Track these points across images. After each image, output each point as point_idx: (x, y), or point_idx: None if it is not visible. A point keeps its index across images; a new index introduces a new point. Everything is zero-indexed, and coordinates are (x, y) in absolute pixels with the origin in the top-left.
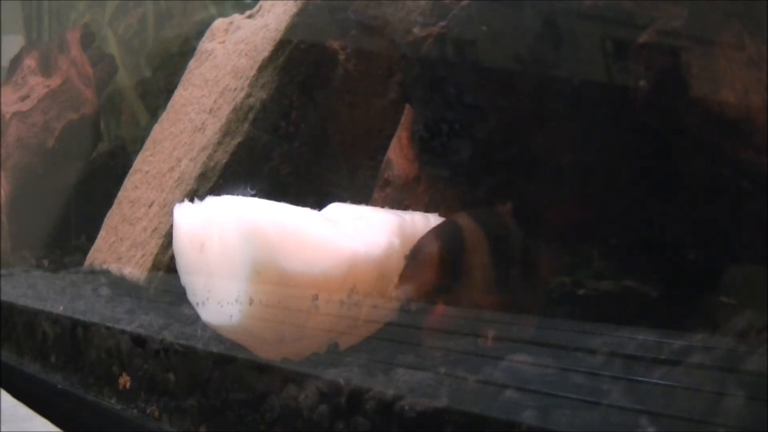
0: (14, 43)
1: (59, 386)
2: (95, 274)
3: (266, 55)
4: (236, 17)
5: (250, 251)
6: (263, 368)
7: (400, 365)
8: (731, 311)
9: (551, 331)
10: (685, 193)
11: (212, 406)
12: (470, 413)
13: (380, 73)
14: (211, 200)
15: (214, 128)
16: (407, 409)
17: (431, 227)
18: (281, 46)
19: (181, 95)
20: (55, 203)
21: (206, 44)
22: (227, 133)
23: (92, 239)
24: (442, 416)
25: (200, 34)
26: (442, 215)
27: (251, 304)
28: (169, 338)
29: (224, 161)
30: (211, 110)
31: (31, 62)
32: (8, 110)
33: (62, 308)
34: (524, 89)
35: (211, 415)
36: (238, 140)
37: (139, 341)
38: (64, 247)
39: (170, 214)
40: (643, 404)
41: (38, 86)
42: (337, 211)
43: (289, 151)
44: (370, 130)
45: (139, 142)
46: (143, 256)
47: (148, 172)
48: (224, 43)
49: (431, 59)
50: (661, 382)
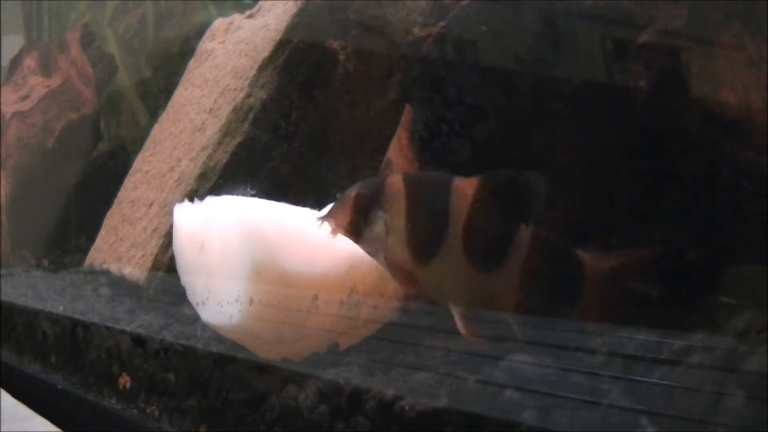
0: (14, 43)
1: (59, 386)
2: (95, 274)
3: (266, 55)
4: (236, 17)
5: (250, 251)
6: (263, 368)
7: (400, 365)
8: (731, 311)
9: (551, 331)
10: (684, 193)
11: (212, 406)
12: (470, 413)
13: (380, 73)
14: (211, 200)
15: (214, 128)
16: (407, 409)
17: None
18: (281, 46)
19: (181, 95)
20: (55, 203)
21: (206, 44)
22: (227, 133)
23: (92, 239)
24: (442, 416)
25: (200, 34)
26: None
27: (251, 304)
28: (169, 338)
29: (224, 161)
30: (211, 110)
31: (31, 62)
32: (8, 110)
33: (62, 308)
34: (524, 89)
35: (211, 415)
36: (238, 140)
37: (139, 341)
38: (64, 247)
39: (170, 214)
40: (643, 404)
41: (38, 86)
42: None
43: (289, 151)
44: (370, 130)
45: (139, 142)
46: (143, 256)
47: (148, 172)
48: (224, 43)
49: (431, 59)
50: (661, 382)
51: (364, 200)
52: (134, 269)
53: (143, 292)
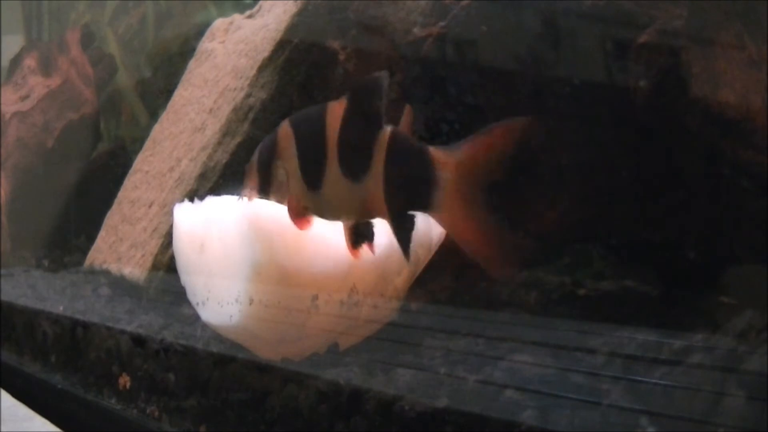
0: (14, 43)
1: (59, 386)
2: (95, 274)
3: (266, 55)
4: (236, 17)
5: (249, 251)
6: (263, 368)
7: (400, 365)
8: (731, 311)
9: (551, 331)
10: (684, 192)
11: (212, 406)
12: (470, 413)
13: None
14: (211, 200)
15: (214, 128)
16: (407, 409)
17: (430, 226)
18: (281, 46)
19: (181, 95)
20: (55, 203)
21: (206, 44)
22: (227, 133)
23: (92, 239)
24: (442, 416)
25: (200, 34)
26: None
27: (251, 304)
28: (169, 338)
29: (224, 161)
30: (211, 110)
31: (31, 62)
32: (8, 110)
33: (62, 308)
34: (524, 89)
35: (211, 415)
36: (238, 140)
37: (139, 341)
38: (64, 247)
39: (170, 214)
40: (643, 404)
41: (38, 86)
42: None
43: None
44: None
45: (139, 142)
46: (143, 256)
47: (148, 172)
48: (224, 43)
49: (431, 59)
50: (661, 382)
51: (263, 156)
52: (134, 269)
53: (143, 292)
